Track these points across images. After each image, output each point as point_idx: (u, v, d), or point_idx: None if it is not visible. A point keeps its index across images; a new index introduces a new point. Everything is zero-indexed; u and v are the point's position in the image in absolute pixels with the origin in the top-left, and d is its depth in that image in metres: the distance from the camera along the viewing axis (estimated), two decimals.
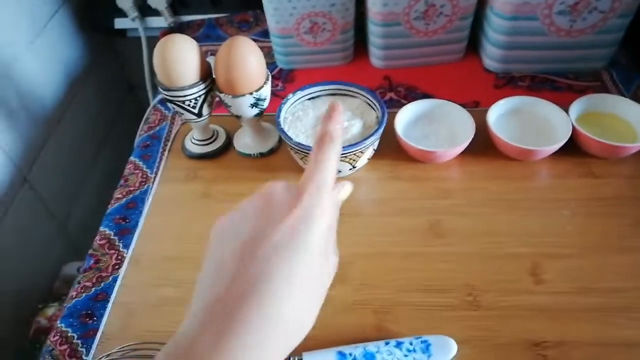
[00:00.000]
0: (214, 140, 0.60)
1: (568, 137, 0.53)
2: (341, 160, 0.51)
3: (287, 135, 0.52)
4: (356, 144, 0.49)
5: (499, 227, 0.50)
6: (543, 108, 0.57)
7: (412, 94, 0.68)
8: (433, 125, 0.58)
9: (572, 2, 0.60)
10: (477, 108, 0.64)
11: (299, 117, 0.55)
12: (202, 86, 0.52)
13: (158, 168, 0.61)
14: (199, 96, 0.53)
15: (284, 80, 0.72)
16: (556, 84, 0.67)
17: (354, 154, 0.51)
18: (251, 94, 0.51)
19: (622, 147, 0.52)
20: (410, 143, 0.53)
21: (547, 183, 0.53)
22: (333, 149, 0.29)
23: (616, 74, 0.67)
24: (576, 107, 0.56)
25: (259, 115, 0.55)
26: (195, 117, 0.55)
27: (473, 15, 0.67)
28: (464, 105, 0.62)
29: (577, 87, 0.66)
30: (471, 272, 0.46)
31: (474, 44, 0.72)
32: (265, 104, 0.54)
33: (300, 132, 0.53)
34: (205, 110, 0.55)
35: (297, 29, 0.68)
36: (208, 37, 0.82)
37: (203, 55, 0.52)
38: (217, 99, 0.55)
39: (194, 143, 0.60)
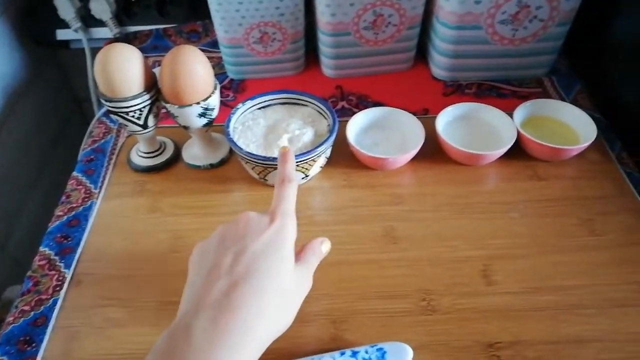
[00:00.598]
0: (161, 153, 0.58)
1: (513, 141, 0.54)
2: (298, 170, 0.50)
3: (237, 145, 0.50)
4: (307, 152, 0.49)
5: (450, 231, 0.50)
6: (489, 114, 0.58)
7: (364, 103, 0.68)
8: (384, 132, 0.58)
9: (514, 12, 0.62)
10: (426, 115, 0.65)
11: (250, 126, 0.54)
12: (147, 96, 0.50)
13: (102, 183, 0.58)
14: (144, 107, 0.51)
15: (235, 90, 0.71)
16: (501, 90, 0.69)
17: (306, 163, 0.50)
18: (198, 103, 0.50)
19: (564, 150, 0.53)
20: (362, 151, 0.53)
21: (495, 187, 0.55)
22: (291, 187, 0.38)
23: (557, 81, 0.70)
24: (520, 112, 0.58)
25: (208, 125, 0.53)
26: (140, 129, 0.53)
27: (420, 25, 0.68)
28: (414, 113, 0.63)
29: (521, 93, 0.68)
30: (425, 277, 0.46)
31: (422, 53, 0.74)
32: (214, 114, 0.53)
33: (251, 142, 0.52)
34: (151, 122, 0.53)
35: (246, 38, 0.67)
36: (156, 47, 0.80)
37: (147, 65, 0.51)
38: (163, 109, 0.53)
39: (140, 156, 0.58)
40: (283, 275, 0.34)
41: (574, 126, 0.58)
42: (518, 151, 0.56)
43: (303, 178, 0.52)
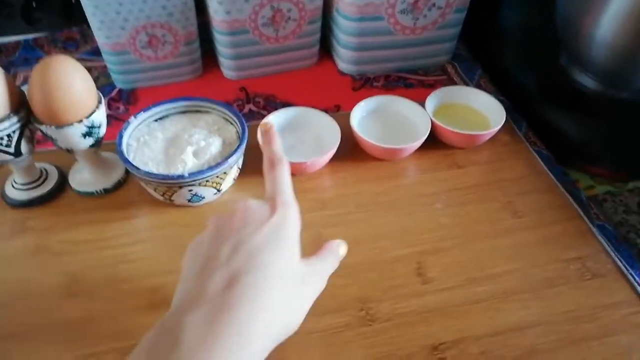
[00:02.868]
0: (42, 182, 0.49)
1: (428, 131, 0.53)
2: (203, 186, 0.45)
3: (132, 165, 0.44)
4: (217, 165, 0.44)
5: (378, 230, 0.48)
6: (402, 106, 0.57)
7: (272, 104, 0.64)
8: (298, 133, 0.55)
9: (413, 0, 0.61)
10: (339, 112, 0.62)
11: (146, 142, 0.47)
12: (15, 119, 0.42)
13: None
14: (13, 132, 0.43)
15: (126, 102, 0.63)
16: (408, 81, 0.68)
17: (217, 177, 0.45)
18: (80, 121, 0.43)
19: (478, 135, 0.53)
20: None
21: (416, 179, 0.53)
22: (282, 169, 0.34)
23: (460, 67, 0.70)
24: (431, 101, 0.57)
25: (96, 145, 0.46)
26: (12, 157, 0.45)
27: (321, 19, 0.65)
28: (326, 111, 0.60)
29: (428, 82, 0.68)
30: (361, 284, 0.43)
31: (327, 48, 0.71)
32: (101, 132, 0.46)
33: (149, 160, 0.45)
34: (24, 148, 0.45)
35: (132, 43, 0.60)
36: (27, 60, 0.69)
37: (12, 83, 0.42)
38: (38, 132, 0.45)
39: (17, 188, 0.49)
40: (288, 271, 0.30)
41: (483, 111, 0.58)
42: (435, 141, 0.55)
43: (215, 194, 0.47)
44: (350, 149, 0.54)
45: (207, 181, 0.44)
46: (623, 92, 0.59)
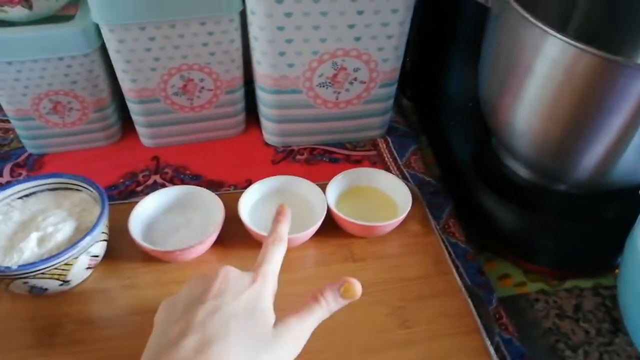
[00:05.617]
0: None
1: (322, 218, 0.48)
2: (40, 278, 0.40)
3: None
4: (50, 258, 0.39)
5: None
6: (302, 187, 0.52)
7: (181, 176, 0.60)
8: (186, 214, 0.50)
9: (331, 74, 0.58)
10: (236, 190, 0.58)
11: None
12: None
13: None
14: None
15: (30, 168, 0.61)
16: (334, 155, 0.64)
17: (56, 269, 0.40)
18: None
19: (375, 227, 0.48)
20: (144, 244, 0.45)
21: (307, 273, 0.48)
22: (278, 249, 0.36)
23: (393, 141, 0.66)
24: (335, 184, 0.52)
25: None
26: None
27: (242, 89, 0.63)
28: (234, 186, 0.57)
29: (354, 157, 0.64)
30: None
31: (257, 117, 0.68)
32: None
33: None
34: None
35: (36, 109, 0.58)
36: None
37: None
38: None
39: None
40: (261, 337, 0.30)
41: (394, 197, 0.53)
42: (336, 227, 0.50)
43: (61, 284, 0.42)
44: (237, 234, 0.49)
45: (42, 273, 0.40)
46: (558, 184, 0.54)
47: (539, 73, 0.43)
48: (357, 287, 0.34)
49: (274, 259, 0.35)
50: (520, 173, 0.55)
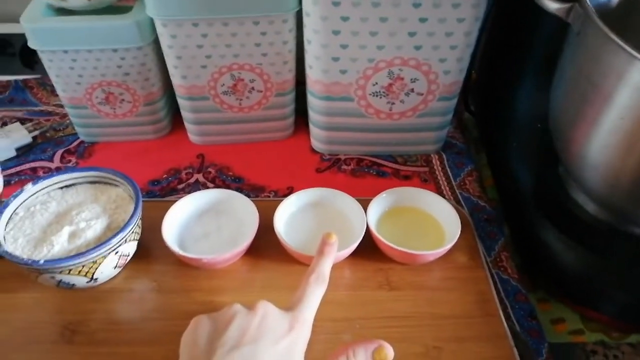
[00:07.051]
0: None
1: (359, 240, 0.45)
2: (66, 274, 0.40)
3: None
4: (77, 255, 0.38)
5: None
6: (343, 203, 0.49)
7: (223, 177, 0.59)
8: (220, 220, 0.49)
9: (386, 84, 0.54)
10: (276, 198, 0.55)
11: (33, 213, 0.43)
12: None
13: None
14: None
15: (80, 155, 0.61)
16: (382, 168, 0.60)
17: (83, 266, 0.40)
18: None
19: (419, 255, 0.44)
20: (174, 248, 0.43)
21: (336, 297, 0.44)
22: (319, 289, 0.34)
23: (448, 159, 0.61)
24: (378, 202, 0.49)
25: None
26: None
27: (293, 92, 0.60)
28: (276, 192, 0.55)
29: (404, 172, 0.60)
30: None
31: (307, 121, 0.65)
32: None
33: (22, 235, 0.40)
34: None
35: (89, 99, 0.58)
36: (11, 101, 0.70)
37: None
38: None
39: None
40: None
41: (443, 223, 0.49)
42: (374, 249, 0.47)
43: (89, 282, 0.42)
44: (269, 245, 0.47)
45: (69, 270, 0.39)
46: (631, 225, 0.47)
47: (619, 103, 0.37)
48: (391, 353, 0.31)
49: (314, 302, 0.34)
50: (588, 209, 0.49)
